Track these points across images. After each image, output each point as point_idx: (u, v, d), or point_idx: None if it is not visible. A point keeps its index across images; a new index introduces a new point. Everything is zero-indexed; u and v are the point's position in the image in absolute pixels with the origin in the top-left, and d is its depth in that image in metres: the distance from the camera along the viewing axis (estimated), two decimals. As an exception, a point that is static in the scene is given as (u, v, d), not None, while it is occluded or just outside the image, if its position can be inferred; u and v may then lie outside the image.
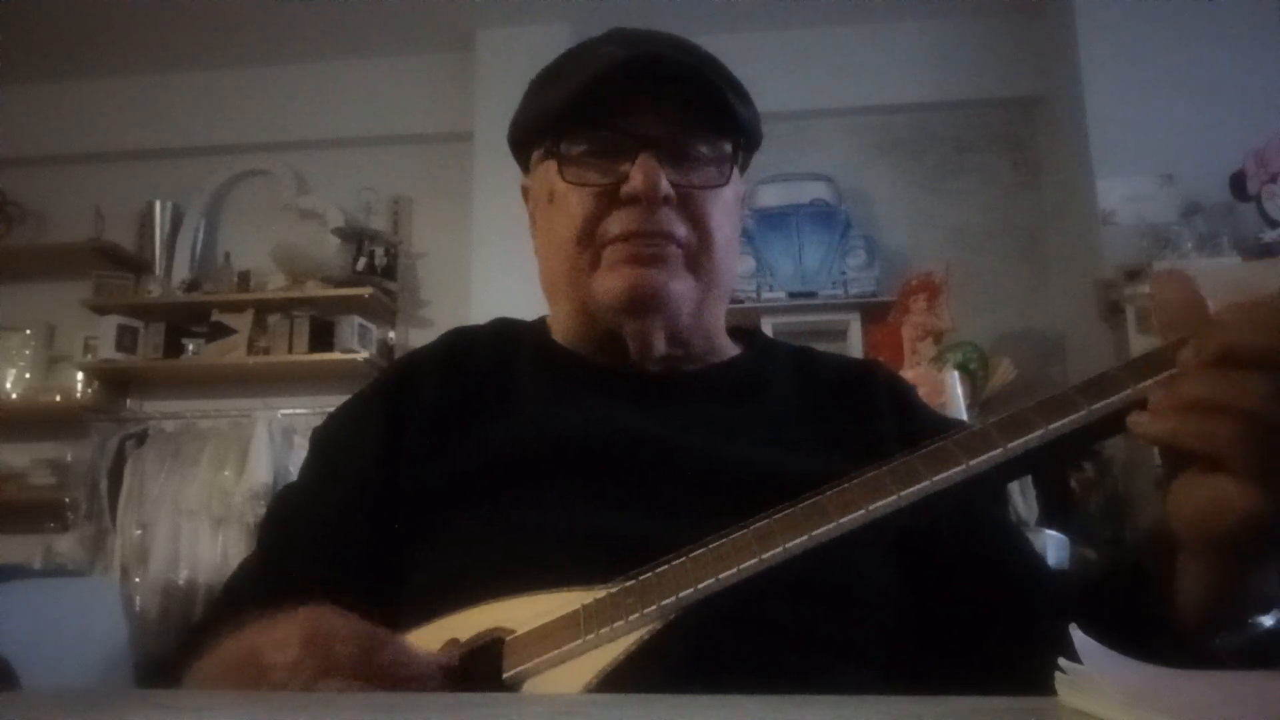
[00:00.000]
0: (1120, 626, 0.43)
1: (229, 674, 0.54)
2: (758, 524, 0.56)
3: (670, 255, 0.75)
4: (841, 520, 0.54)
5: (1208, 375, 0.48)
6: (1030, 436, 0.54)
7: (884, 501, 0.54)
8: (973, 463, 0.54)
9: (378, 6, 3.42)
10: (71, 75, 3.78)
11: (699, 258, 0.77)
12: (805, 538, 0.54)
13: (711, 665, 0.56)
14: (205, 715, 0.41)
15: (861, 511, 0.54)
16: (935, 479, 0.54)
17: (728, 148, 0.78)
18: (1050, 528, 2.30)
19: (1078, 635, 0.39)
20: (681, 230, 0.75)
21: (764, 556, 0.54)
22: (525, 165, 0.85)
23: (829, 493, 0.56)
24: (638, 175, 0.72)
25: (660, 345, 0.77)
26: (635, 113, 0.74)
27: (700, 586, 0.54)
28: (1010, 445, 0.54)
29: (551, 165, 0.78)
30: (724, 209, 0.79)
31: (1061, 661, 0.39)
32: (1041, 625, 0.62)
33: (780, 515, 0.56)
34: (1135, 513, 2.71)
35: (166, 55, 3.70)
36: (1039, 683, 0.40)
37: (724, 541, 0.56)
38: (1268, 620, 0.53)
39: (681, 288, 0.76)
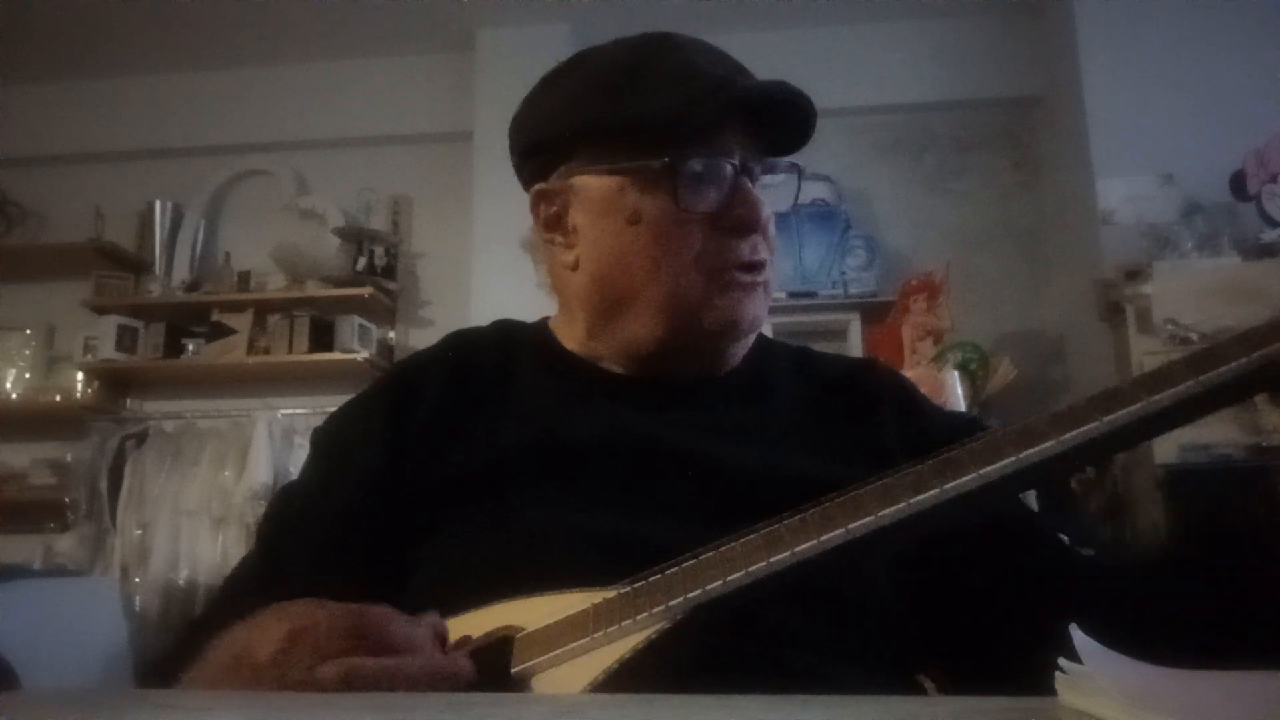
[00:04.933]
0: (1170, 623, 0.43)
1: (222, 676, 0.54)
2: (767, 528, 0.56)
3: (760, 283, 0.77)
4: (850, 526, 0.54)
5: None
6: (1043, 447, 0.54)
7: (894, 509, 0.54)
8: (984, 471, 0.54)
9: (378, 6, 3.41)
10: (71, 75, 3.78)
11: (768, 278, 0.78)
12: (814, 542, 0.54)
13: (714, 668, 0.56)
14: (205, 715, 0.41)
15: (870, 518, 0.54)
16: (945, 487, 0.54)
17: (794, 168, 0.80)
18: (1049, 522, 2.30)
19: (1078, 635, 0.39)
20: (766, 255, 0.77)
21: (772, 560, 0.54)
22: (540, 171, 0.80)
23: (838, 499, 0.56)
24: (749, 203, 0.74)
25: (735, 362, 0.80)
26: (730, 137, 0.75)
27: (708, 588, 0.54)
28: (1023, 455, 0.54)
29: (623, 183, 0.74)
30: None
31: (1061, 661, 0.39)
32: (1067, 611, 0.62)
33: (789, 520, 0.56)
34: (1135, 513, 2.71)
35: (166, 55, 3.70)
36: (1040, 683, 0.40)
37: (733, 545, 0.56)
38: None
39: (764, 310, 0.78)
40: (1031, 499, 2.38)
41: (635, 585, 0.57)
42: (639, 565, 0.58)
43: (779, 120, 0.76)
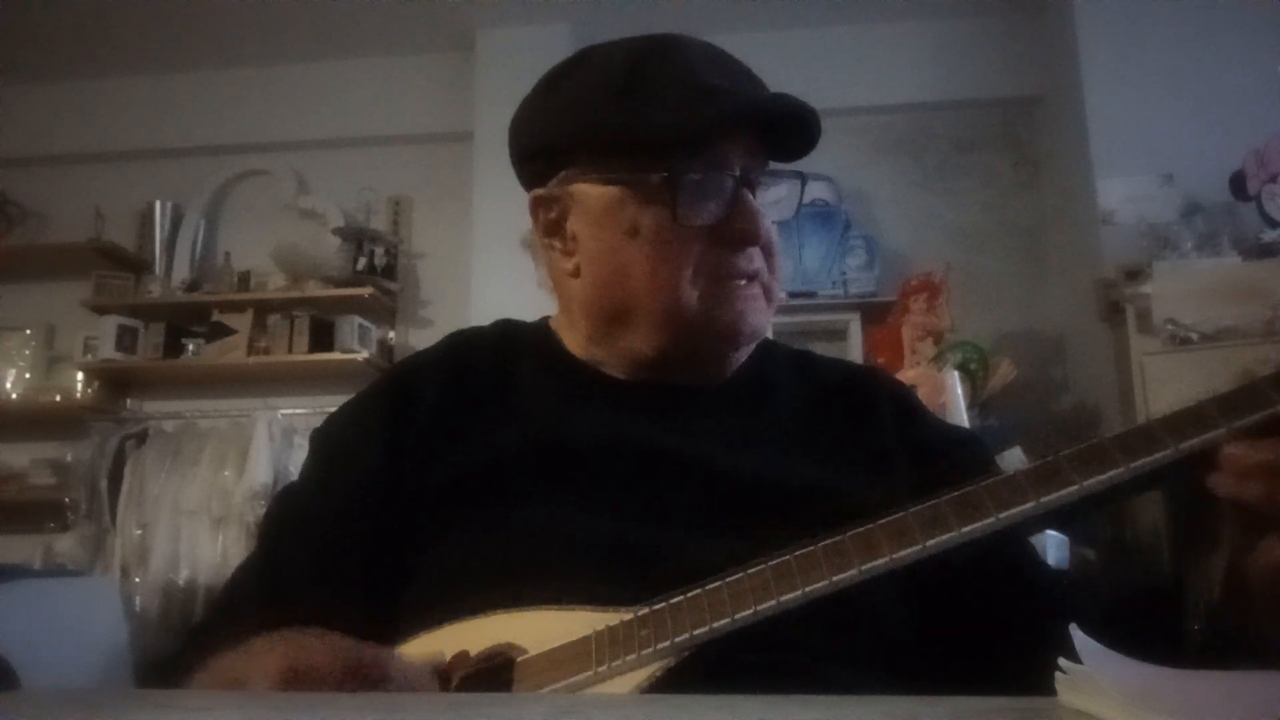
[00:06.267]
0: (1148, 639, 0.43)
1: None
2: (776, 562, 0.55)
3: (759, 292, 0.76)
4: (864, 567, 0.54)
5: None
6: (1065, 492, 0.53)
7: (909, 550, 0.54)
8: (1002, 515, 0.53)
9: (378, 6, 3.41)
10: (71, 75, 3.78)
11: (770, 287, 0.78)
12: (826, 583, 0.54)
13: (717, 674, 0.56)
14: (205, 715, 0.41)
15: (885, 560, 0.54)
16: (964, 530, 0.53)
17: (798, 176, 0.80)
18: (1050, 528, 2.30)
19: (1078, 635, 0.39)
20: (763, 266, 0.76)
21: (782, 599, 0.54)
22: (540, 175, 0.79)
23: (850, 534, 0.55)
24: (749, 216, 0.73)
25: (732, 370, 0.79)
26: (731, 148, 0.74)
27: (716, 625, 0.54)
28: (1044, 499, 0.53)
29: (622, 194, 0.74)
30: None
31: (1061, 661, 0.39)
32: (1049, 630, 0.62)
33: (800, 554, 0.55)
34: (1135, 513, 2.71)
35: (166, 55, 3.70)
36: (1040, 683, 0.40)
37: (741, 578, 0.55)
38: None
39: (766, 318, 0.78)
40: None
41: (640, 614, 0.56)
42: (639, 570, 0.58)
43: (782, 130, 0.75)
